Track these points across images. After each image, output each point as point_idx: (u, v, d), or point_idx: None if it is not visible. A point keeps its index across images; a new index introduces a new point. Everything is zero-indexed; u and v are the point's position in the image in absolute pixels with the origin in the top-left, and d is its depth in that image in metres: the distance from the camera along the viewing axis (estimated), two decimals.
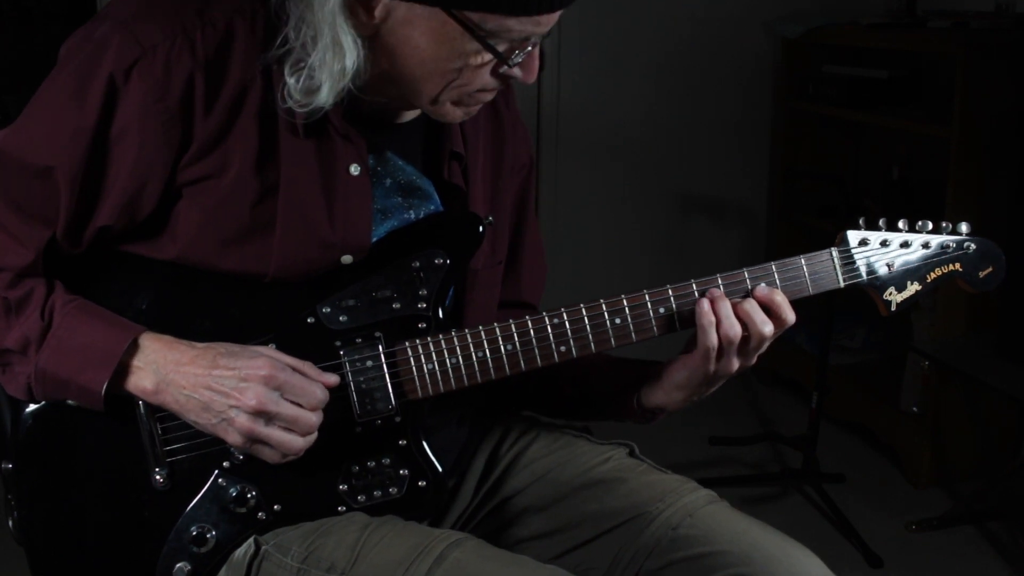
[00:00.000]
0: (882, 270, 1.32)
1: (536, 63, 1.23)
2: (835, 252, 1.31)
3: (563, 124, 3.63)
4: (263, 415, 1.17)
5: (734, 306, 1.25)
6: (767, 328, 1.25)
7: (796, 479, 3.05)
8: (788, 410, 3.60)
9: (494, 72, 1.22)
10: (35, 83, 1.23)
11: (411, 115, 1.34)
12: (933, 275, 1.34)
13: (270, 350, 1.21)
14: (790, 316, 1.26)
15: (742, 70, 3.80)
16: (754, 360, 1.29)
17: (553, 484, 1.40)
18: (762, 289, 1.27)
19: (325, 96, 1.18)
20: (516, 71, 1.22)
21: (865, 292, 1.34)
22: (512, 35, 1.17)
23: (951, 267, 1.34)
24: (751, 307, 1.25)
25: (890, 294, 1.33)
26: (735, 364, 1.27)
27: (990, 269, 1.35)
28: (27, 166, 1.19)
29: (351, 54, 1.16)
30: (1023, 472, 2.83)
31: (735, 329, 1.24)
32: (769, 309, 1.26)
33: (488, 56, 1.18)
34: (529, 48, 1.20)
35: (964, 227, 1.34)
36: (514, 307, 1.47)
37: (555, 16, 1.17)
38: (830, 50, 3.60)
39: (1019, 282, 2.50)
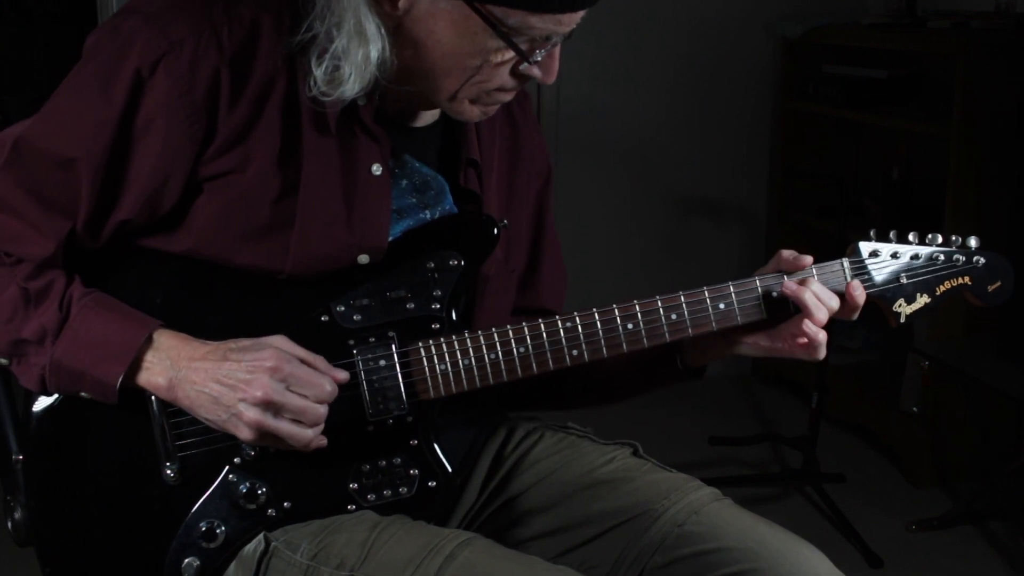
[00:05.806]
0: (892, 282, 1.32)
1: (556, 64, 1.23)
2: (846, 263, 1.31)
3: (563, 124, 3.64)
4: (270, 406, 1.17)
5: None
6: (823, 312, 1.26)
7: (796, 479, 3.06)
8: (788, 410, 3.61)
9: (514, 71, 1.22)
10: (35, 83, 1.24)
11: (428, 119, 1.34)
12: (942, 288, 1.34)
13: (280, 340, 1.21)
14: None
15: (742, 70, 3.80)
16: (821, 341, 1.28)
17: (558, 484, 1.40)
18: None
19: (351, 86, 1.18)
20: (536, 71, 1.23)
21: (874, 303, 1.34)
22: (534, 32, 1.17)
23: (960, 280, 1.35)
24: (817, 289, 1.26)
25: (900, 306, 1.33)
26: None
27: (999, 283, 1.35)
28: (50, 156, 1.19)
29: (375, 43, 1.17)
30: (1023, 472, 2.84)
31: (822, 312, 1.26)
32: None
33: (509, 53, 1.19)
34: (549, 48, 1.21)
35: (973, 241, 1.35)
36: (536, 314, 1.44)
37: (577, 16, 1.19)
38: (830, 50, 3.61)
39: (1019, 283, 2.50)
